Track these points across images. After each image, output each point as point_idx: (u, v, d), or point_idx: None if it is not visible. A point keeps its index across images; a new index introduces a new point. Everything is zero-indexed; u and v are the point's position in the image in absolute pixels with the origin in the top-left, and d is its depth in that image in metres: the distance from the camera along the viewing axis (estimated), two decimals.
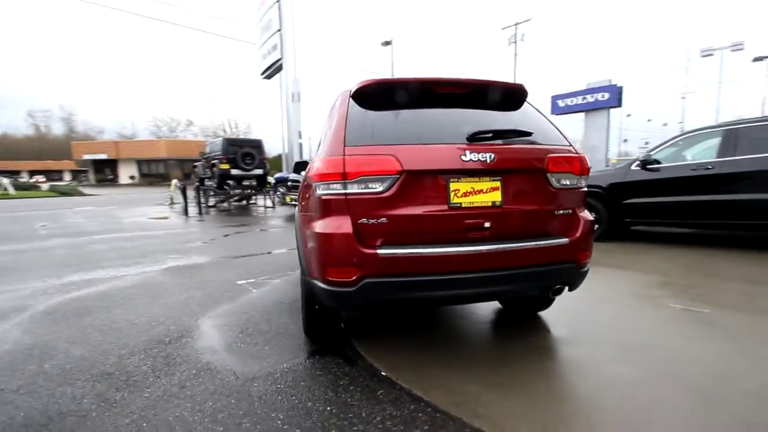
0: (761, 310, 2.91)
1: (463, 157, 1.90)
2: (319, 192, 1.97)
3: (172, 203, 14.44)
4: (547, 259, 2.01)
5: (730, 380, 1.96)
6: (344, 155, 1.88)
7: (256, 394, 1.97)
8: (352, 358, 2.35)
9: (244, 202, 14.36)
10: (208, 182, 14.02)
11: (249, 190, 14.22)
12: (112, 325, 2.93)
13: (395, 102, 2.17)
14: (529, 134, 2.07)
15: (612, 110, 16.22)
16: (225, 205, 13.14)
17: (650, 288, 3.50)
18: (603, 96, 18.71)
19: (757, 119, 4.76)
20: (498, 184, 1.96)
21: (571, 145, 2.17)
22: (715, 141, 4.83)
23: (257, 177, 13.60)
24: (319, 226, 1.95)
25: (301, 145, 15.18)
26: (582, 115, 18.40)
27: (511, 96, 2.30)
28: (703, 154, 5.04)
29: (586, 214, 2.19)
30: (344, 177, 1.87)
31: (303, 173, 4.57)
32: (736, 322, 2.71)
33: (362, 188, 1.87)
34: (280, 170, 21.26)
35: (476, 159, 1.91)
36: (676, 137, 5.40)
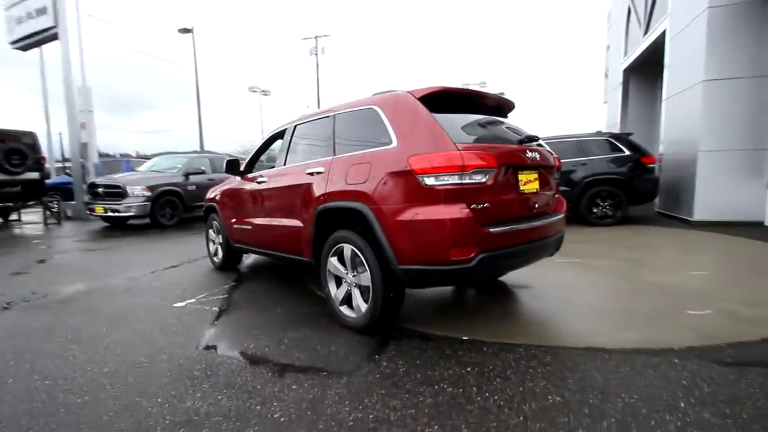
0: (610, 256, 4.66)
1: (525, 155, 2.50)
2: (431, 182, 2.17)
3: None
4: (559, 229, 2.83)
5: (618, 289, 3.28)
6: (460, 151, 2.17)
7: (409, 381, 1.99)
8: (424, 335, 2.55)
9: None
10: None
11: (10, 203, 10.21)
12: (76, 381, 2.08)
13: (452, 107, 2.54)
14: (539, 138, 2.86)
15: None
16: None
17: None
18: None
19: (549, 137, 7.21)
20: (537, 176, 2.64)
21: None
22: None
23: (28, 183, 9.96)
24: (438, 212, 2.15)
25: (84, 144, 11.79)
26: None
27: (510, 108, 3.03)
28: None
29: (563, 198, 3.15)
30: (463, 169, 2.15)
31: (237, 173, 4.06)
32: (602, 265, 4.28)
33: (471, 179, 2.20)
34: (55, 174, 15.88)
35: (531, 157, 2.54)
36: None
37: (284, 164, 3.43)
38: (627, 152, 6.64)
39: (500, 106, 2.91)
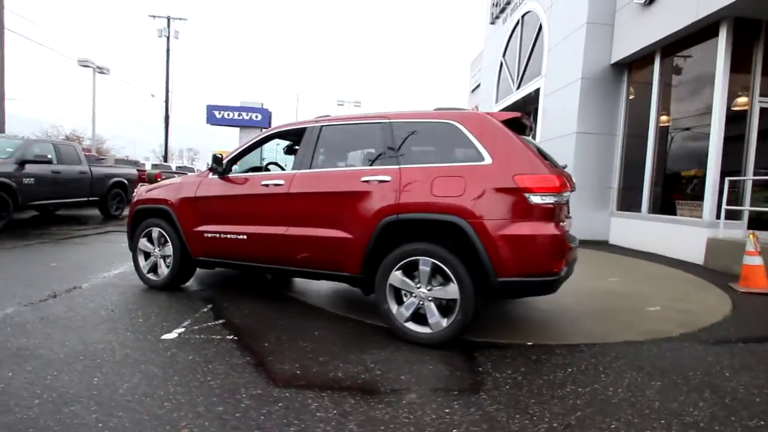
0: None
1: (572, 181, 2.94)
2: (536, 200, 2.37)
3: None
4: None
5: (580, 293, 4.08)
6: (554, 174, 2.43)
7: (539, 388, 2.07)
8: (495, 345, 2.64)
9: None
10: None
11: None
12: None
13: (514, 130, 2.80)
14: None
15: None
16: None
17: None
18: (257, 116, 21.95)
19: None
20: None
21: None
22: None
23: None
24: (544, 228, 2.35)
25: None
26: (236, 129, 21.30)
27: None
28: None
29: None
30: (559, 190, 2.42)
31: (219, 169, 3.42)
32: None
33: (560, 199, 2.49)
34: None
35: (573, 183, 3.00)
36: None
37: (310, 167, 3.08)
38: None
39: (532, 133, 3.33)
